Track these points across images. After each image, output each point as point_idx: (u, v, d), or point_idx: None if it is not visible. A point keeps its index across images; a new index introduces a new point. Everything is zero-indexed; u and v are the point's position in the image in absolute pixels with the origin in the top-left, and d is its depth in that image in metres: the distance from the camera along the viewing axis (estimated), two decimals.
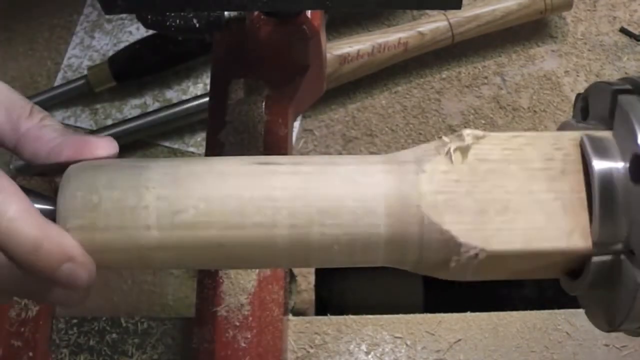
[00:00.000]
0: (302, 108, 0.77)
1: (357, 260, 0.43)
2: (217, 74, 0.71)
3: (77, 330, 0.82)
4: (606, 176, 0.40)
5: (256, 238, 0.41)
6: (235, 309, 0.64)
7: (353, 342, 0.82)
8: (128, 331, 0.82)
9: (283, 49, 0.69)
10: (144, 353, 0.81)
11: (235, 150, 0.66)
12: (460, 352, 0.81)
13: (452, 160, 0.42)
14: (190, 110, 1.00)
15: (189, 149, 1.01)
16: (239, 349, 0.63)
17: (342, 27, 1.08)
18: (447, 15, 1.01)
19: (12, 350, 0.70)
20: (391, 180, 0.42)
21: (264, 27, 0.68)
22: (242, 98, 0.68)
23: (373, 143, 1.00)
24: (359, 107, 1.03)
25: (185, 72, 1.06)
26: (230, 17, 0.64)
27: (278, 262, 0.49)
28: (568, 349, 0.80)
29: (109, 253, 0.42)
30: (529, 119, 1.01)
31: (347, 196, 0.41)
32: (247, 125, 0.67)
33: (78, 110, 1.05)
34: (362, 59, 0.98)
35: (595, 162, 0.40)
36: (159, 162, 0.43)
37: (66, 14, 1.13)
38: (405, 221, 0.41)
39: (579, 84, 1.03)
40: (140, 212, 0.41)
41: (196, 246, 0.41)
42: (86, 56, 1.09)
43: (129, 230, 0.41)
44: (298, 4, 0.51)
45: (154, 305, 0.90)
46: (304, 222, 0.41)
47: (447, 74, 1.05)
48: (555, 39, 1.07)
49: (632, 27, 1.07)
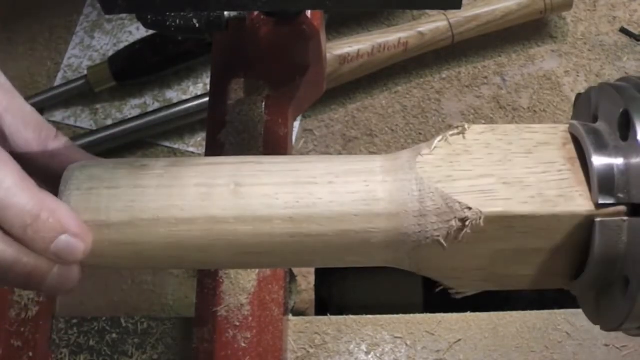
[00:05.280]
0: (302, 108, 0.77)
1: (355, 260, 0.43)
2: (217, 74, 0.71)
3: (77, 330, 0.82)
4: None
5: (256, 235, 0.41)
6: (235, 309, 0.64)
7: (353, 342, 0.82)
8: (128, 331, 0.82)
9: (283, 49, 0.69)
10: (144, 353, 0.81)
11: (235, 150, 0.66)
12: (460, 352, 0.81)
13: (450, 143, 0.42)
14: (190, 110, 1.00)
15: (189, 149, 1.01)
16: (239, 349, 0.63)
17: (342, 27, 1.08)
18: (447, 15, 1.01)
19: (12, 350, 0.70)
20: (389, 183, 0.42)
21: (264, 27, 0.68)
22: (242, 98, 0.68)
23: (373, 143, 1.00)
24: (359, 107, 1.03)
25: (185, 72, 1.06)
26: (230, 17, 0.64)
27: (276, 261, 0.49)
28: (568, 349, 0.80)
29: (109, 251, 0.42)
30: (529, 119, 1.00)
31: (345, 196, 0.41)
32: (247, 125, 0.67)
33: (78, 110, 1.05)
34: (362, 59, 0.98)
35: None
36: (158, 162, 0.43)
37: (66, 14, 1.13)
38: (402, 219, 0.41)
39: (579, 84, 1.03)
40: (140, 211, 0.41)
41: (198, 243, 0.41)
42: (86, 56, 1.09)
43: (129, 228, 0.41)
44: (298, 4, 0.51)
45: (154, 305, 0.90)
46: (302, 220, 0.41)
47: (447, 74, 1.05)
48: (555, 39, 1.07)
49: (632, 27, 1.07)
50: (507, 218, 0.40)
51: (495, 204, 0.40)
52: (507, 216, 0.40)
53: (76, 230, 0.40)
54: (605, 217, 0.40)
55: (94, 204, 0.41)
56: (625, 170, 0.40)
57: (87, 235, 0.41)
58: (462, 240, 0.40)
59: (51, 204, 0.40)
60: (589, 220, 0.40)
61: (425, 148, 0.43)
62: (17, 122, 0.44)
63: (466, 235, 0.40)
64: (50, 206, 0.40)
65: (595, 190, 0.40)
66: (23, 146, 0.45)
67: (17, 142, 0.45)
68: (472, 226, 0.40)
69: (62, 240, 0.40)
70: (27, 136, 0.45)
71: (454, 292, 0.44)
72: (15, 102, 0.45)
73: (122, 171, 0.43)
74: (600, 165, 0.40)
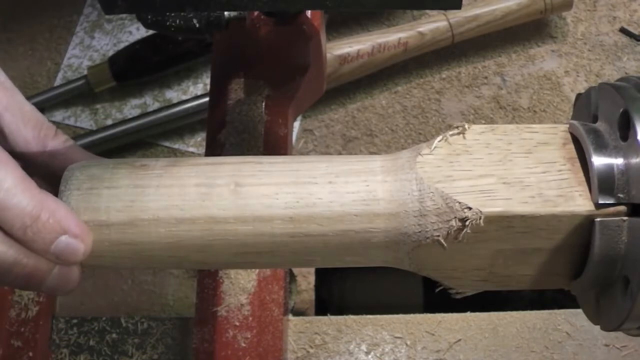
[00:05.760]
0: (302, 108, 0.77)
1: (355, 260, 0.43)
2: (217, 74, 0.71)
3: (77, 330, 0.82)
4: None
5: (256, 235, 0.41)
6: (235, 309, 0.64)
7: (353, 342, 0.82)
8: (128, 331, 0.82)
9: (283, 49, 0.69)
10: (144, 353, 0.81)
11: (235, 150, 0.66)
12: (460, 352, 0.81)
13: (450, 143, 0.42)
14: (190, 110, 1.00)
15: (189, 149, 1.01)
16: (239, 349, 0.63)
17: (342, 27, 1.09)
18: (447, 15, 1.01)
19: (12, 350, 0.70)
20: (389, 183, 0.42)
21: (264, 27, 0.68)
22: (242, 98, 0.68)
23: (373, 143, 1.00)
24: (359, 107, 1.03)
25: (185, 72, 1.06)
26: (230, 17, 0.64)
27: (276, 261, 0.48)
28: (568, 349, 0.80)
29: (109, 251, 0.42)
30: (529, 119, 1.00)
31: (345, 196, 0.41)
32: (247, 125, 0.67)
33: (78, 110, 1.05)
34: (362, 59, 0.98)
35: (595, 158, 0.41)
36: (158, 162, 0.43)
37: (66, 14, 1.13)
38: (402, 219, 0.41)
39: (579, 84, 1.03)
40: (140, 211, 0.41)
41: (198, 243, 0.41)
42: (86, 56, 1.09)
43: (129, 228, 0.41)
44: (298, 4, 0.51)
45: (154, 305, 0.90)
46: (302, 220, 0.41)
47: (447, 74, 1.05)
48: (555, 39, 1.07)
49: (632, 27, 1.07)
50: (507, 218, 0.40)
51: (495, 204, 0.40)
52: (507, 216, 0.40)
53: (76, 231, 0.40)
54: (605, 217, 0.40)
55: (94, 204, 0.41)
56: (625, 170, 0.40)
57: (87, 236, 0.41)
58: (462, 240, 0.41)
59: (51, 204, 0.40)
60: (588, 220, 0.40)
61: (425, 148, 0.43)
62: (17, 121, 0.44)
63: (466, 235, 0.40)
64: (50, 207, 0.40)
65: (595, 190, 0.40)
66: (22, 145, 0.45)
67: (17, 141, 0.45)
68: (472, 226, 0.40)
69: (62, 242, 0.40)
70: (26, 135, 0.45)
71: (454, 292, 0.44)
72: (15, 100, 0.45)
73: (122, 171, 0.43)
74: (600, 165, 0.40)
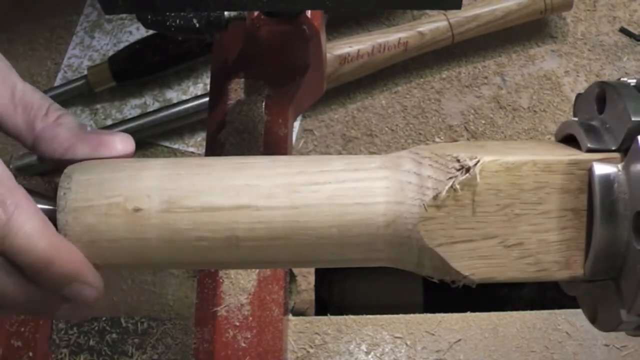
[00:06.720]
0: (302, 108, 0.77)
1: (355, 260, 0.43)
2: (217, 74, 0.71)
3: (77, 330, 0.82)
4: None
5: (255, 237, 0.41)
6: (235, 309, 0.64)
7: (353, 342, 0.82)
8: (128, 331, 0.82)
9: (283, 49, 0.69)
10: (144, 353, 0.81)
11: (236, 150, 0.66)
12: (460, 352, 0.81)
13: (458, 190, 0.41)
14: (190, 110, 1.00)
15: (189, 149, 1.01)
16: (239, 349, 0.63)
17: (342, 27, 1.08)
18: (447, 15, 1.01)
19: (12, 350, 0.70)
20: (389, 183, 0.42)
21: (264, 27, 0.68)
22: (242, 98, 0.68)
23: (373, 143, 1.00)
24: (359, 107, 1.03)
25: (185, 72, 1.06)
26: (230, 17, 0.64)
27: (276, 261, 0.48)
28: (568, 349, 0.80)
29: (109, 252, 0.42)
30: (529, 119, 1.01)
31: (345, 196, 0.41)
32: (247, 125, 0.67)
33: (78, 110, 1.05)
34: (362, 59, 0.98)
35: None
36: (158, 162, 0.43)
37: (66, 14, 1.13)
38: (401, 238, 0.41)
39: (579, 84, 1.03)
40: (140, 210, 0.41)
41: (197, 244, 0.41)
42: (86, 56, 1.09)
43: (129, 228, 0.41)
44: (298, 4, 0.51)
45: (154, 305, 0.90)
46: (301, 220, 0.41)
47: (447, 74, 1.05)
48: (555, 39, 1.07)
49: (632, 27, 1.07)
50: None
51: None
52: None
53: (87, 279, 0.41)
54: None
55: (93, 203, 0.41)
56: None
57: (99, 283, 0.42)
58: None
59: (65, 251, 0.40)
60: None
61: (424, 150, 0.42)
62: (6, 107, 0.44)
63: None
64: (65, 252, 0.40)
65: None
66: (12, 130, 0.44)
67: (7, 127, 0.44)
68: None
69: (73, 287, 0.41)
70: (15, 119, 0.44)
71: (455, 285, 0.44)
72: (6, 85, 0.44)
73: (121, 171, 0.43)
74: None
